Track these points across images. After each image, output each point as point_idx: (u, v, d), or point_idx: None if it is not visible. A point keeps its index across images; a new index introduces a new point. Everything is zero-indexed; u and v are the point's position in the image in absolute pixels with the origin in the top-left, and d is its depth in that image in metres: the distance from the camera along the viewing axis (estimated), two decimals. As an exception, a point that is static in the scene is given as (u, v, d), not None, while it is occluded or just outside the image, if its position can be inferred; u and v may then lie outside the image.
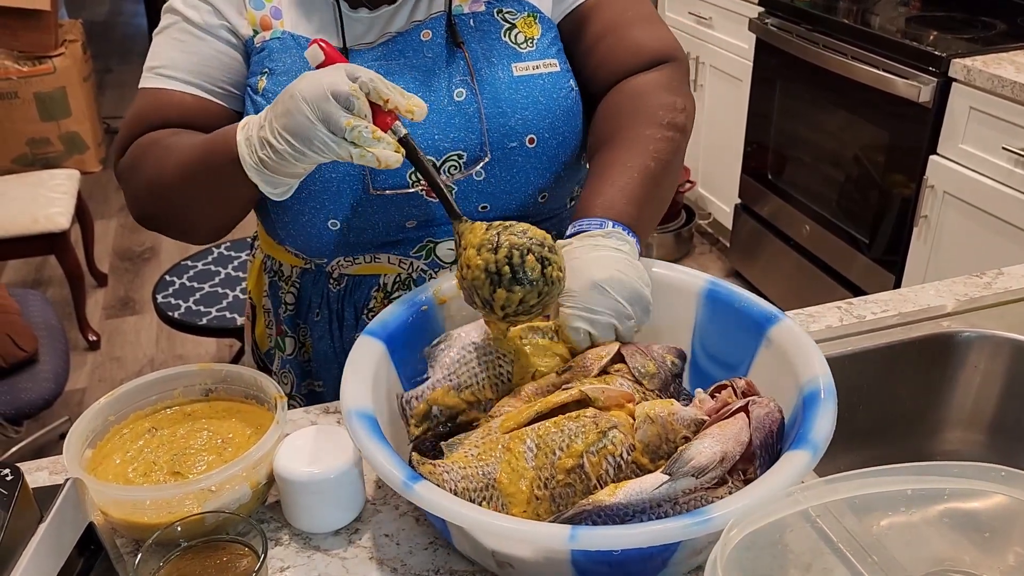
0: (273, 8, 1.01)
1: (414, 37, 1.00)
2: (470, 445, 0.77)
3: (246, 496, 0.83)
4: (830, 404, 0.76)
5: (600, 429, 0.75)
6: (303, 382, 1.16)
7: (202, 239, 1.05)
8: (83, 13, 6.09)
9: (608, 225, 0.89)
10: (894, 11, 2.62)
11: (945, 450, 1.14)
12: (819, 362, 0.80)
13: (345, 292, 1.07)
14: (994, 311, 1.15)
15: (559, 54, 1.03)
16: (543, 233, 0.81)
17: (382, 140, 0.81)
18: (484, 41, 1.00)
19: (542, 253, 0.80)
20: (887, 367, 1.10)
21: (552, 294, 0.81)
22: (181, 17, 1.01)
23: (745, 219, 3.13)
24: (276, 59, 0.99)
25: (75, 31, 4.30)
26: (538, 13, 1.02)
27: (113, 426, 0.90)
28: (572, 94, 1.02)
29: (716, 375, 0.91)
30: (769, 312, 0.87)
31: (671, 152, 0.96)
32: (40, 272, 3.56)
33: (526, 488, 0.73)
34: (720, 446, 0.72)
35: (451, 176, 0.99)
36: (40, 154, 4.14)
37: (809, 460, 0.70)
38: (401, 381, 0.88)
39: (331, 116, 0.81)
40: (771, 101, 2.87)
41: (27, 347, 2.08)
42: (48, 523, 0.67)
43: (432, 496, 0.69)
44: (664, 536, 0.65)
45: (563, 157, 1.03)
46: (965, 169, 2.18)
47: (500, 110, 0.98)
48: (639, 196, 0.92)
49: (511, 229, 0.81)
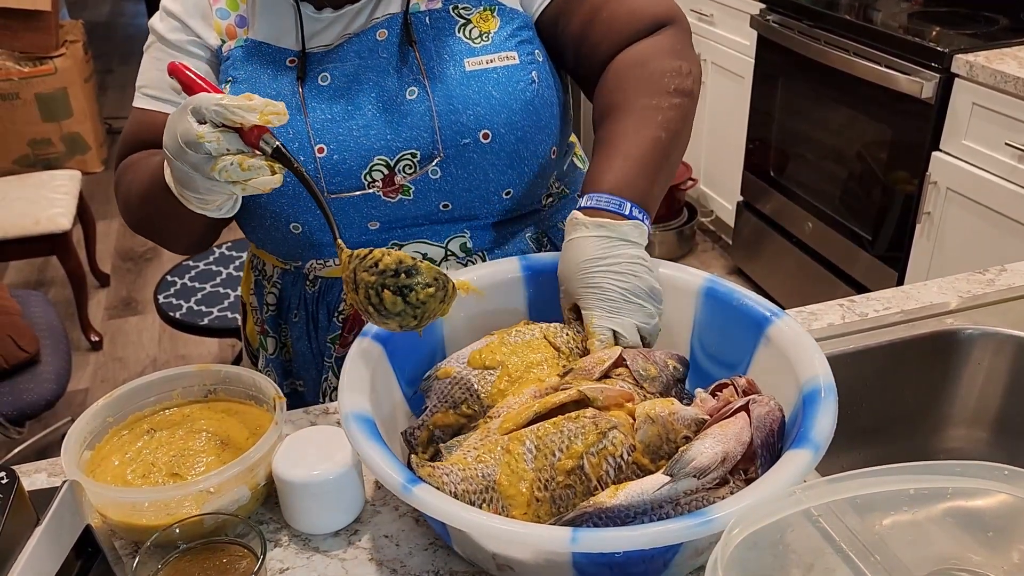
0: (238, 17, 1.02)
1: (370, 37, 0.99)
2: (469, 447, 0.77)
3: (245, 497, 0.82)
4: (831, 402, 0.75)
5: (600, 430, 0.74)
6: (285, 381, 1.17)
7: (184, 252, 1.09)
8: (84, 14, 6.10)
9: (626, 207, 0.88)
10: (896, 7, 2.61)
11: (948, 448, 1.13)
12: (819, 360, 0.80)
13: (319, 294, 1.08)
14: (997, 308, 1.14)
15: (520, 46, 1.01)
16: (396, 257, 0.78)
17: (253, 168, 0.80)
18: (438, 39, 0.99)
19: (397, 283, 0.78)
20: (890, 365, 1.09)
21: (430, 309, 0.79)
22: (157, 36, 1.03)
23: (747, 216, 3.13)
24: (239, 67, 1.00)
25: (76, 32, 4.30)
26: (496, 5, 1.01)
27: (112, 427, 0.90)
28: (532, 87, 1.00)
29: (715, 374, 0.90)
30: (768, 310, 0.87)
31: (680, 120, 0.95)
32: (42, 273, 3.56)
33: (526, 490, 0.73)
34: (721, 446, 0.72)
35: (407, 176, 0.99)
36: (42, 155, 4.14)
37: (811, 459, 0.70)
38: (399, 383, 0.88)
39: (197, 165, 0.80)
40: (773, 98, 2.87)
41: (29, 348, 2.08)
42: (44, 526, 0.66)
43: (432, 499, 0.68)
44: (666, 538, 0.65)
45: (525, 152, 1.01)
46: (968, 165, 2.17)
47: (451, 107, 0.97)
48: (651, 169, 0.91)
49: (364, 263, 0.79)
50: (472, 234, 1.04)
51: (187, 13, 1.02)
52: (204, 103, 0.79)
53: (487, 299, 0.95)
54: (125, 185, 1.03)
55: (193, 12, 1.02)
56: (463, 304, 0.91)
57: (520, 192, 1.04)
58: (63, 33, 4.19)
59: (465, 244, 1.04)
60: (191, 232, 1.01)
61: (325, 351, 1.11)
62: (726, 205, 3.31)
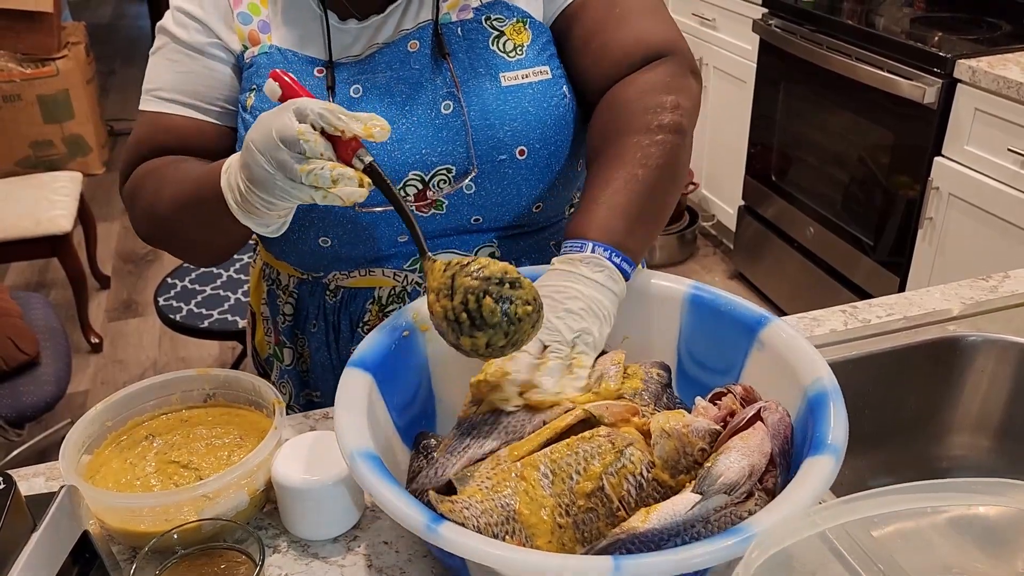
0: (261, 22, 0.99)
1: (401, 48, 0.97)
2: (482, 477, 0.73)
3: (243, 503, 0.82)
4: (840, 405, 0.74)
5: (617, 448, 0.72)
6: (301, 392, 1.15)
7: (203, 264, 1.06)
8: (86, 15, 6.11)
9: (588, 248, 0.85)
10: (898, 12, 2.61)
11: (951, 455, 1.13)
12: (820, 362, 0.79)
13: (341, 304, 1.06)
14: (1001, 315, 1.14)
15: (551, 59, 0.99)
16: (502, 267, 0.76)
17: (342, 177, 0.78)
18: (472, 51, 0.97)
19: (501, 292, 0.75)
20: (893, 371, 1.09)
21: (522, 330, 0.76)
22: (171, 37, 1.00)
23: (749, 221, 3.12)
24: (263, 75, 0.97)
25: (78, 33, 4.31)
26: (528, 18, 0.99)
27: (111, 432, 0.89)
28: (564, 101, 0.99)
29: (705, 381, 0.89)
30: (758, 315, 0.85)
31: (664, 155, 0.91)
32: (43, 274, 3.56)
33: (548, 517, 0.70)
34: (747, 460, 0.70)
35: (440, 190, 0.97)
36: (43, 156, 4.15)
37: (833, 465, 0.69)
38: (389, 412, 0.84)
39: (285, 164, 0.78)
40: (775, 102, 2.86)
41: (28, 350, 2.08)
42: (41, 532, 0.66)
43: (460, 539, 0.64)
44: (712, 559, 0.63)
45: (556, 166, 1.00)
46: (970, 171, 2.17)
47: (487, 122, 0.96)
48: (626, 209, 0.88)
49: (467, 269, 0.76)
50: (500, 243, 1.03)
51: (206, 14, 0.99)
52: (310, 105, 0.78)
53: None
54: (148, 191, 0.99)
55: (213, 13, 0.99)
56: None
57: (549, 205, 1.03)
58: (65, 35, 4.19)
59: (493, 253, 1.03)
60: (220, 245, 0.99)
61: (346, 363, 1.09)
62: (727, 209, 3.30)
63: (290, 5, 0.99)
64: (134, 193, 1.02)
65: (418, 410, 0.88)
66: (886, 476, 1.10)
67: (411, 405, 0.87)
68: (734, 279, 3.30)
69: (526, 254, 1.06)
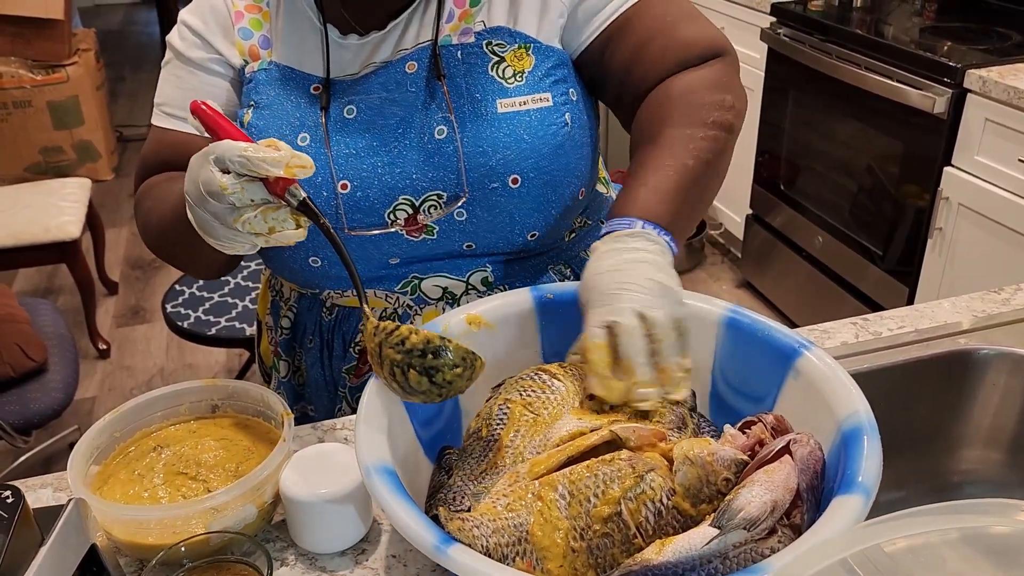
0: (262, 38, 0.99)
1: (398, 69, 0.96)
2: (498, 494, 0.72)
3: (251, 516, 0.82)
4: (875, 442, 0.71)
5: (637, 473, 0.70)
6: (296, 405, 1.15)
7: (205, 277, 1.06)
8: (96, 22, 6.14)
9: (637, 224, 0.84)
10: (908, 21, 2.60)
11: (963, 469, 1.12)
12: (857, 395, 0.75)
13: (336, 322, 1.06)
14: (1013, 328, 1.13)
15: (555, 85, 0.97)
16: (425, 335, 0.76)
17: (276, 222, 0.78)
18: (470, 75, 0.95)
19: (424, 364, 0.76)
20: (904, 384, 1.08)
21: (456, 387, 0.77)
22: (175, 52, 1.01)
23: (757, 230, 3.12)
24: (262, 92, 0.97)
25: (88, 40, 4.33)
26: (532, 43, 0.97)
27: (119, 443, 0.89)
28: (564, 129, 0.96)
29: (740, 408, 0.86)
30: (795, 342, 0.82)
31: (714, 152, 0.91)
32: (51, 280, 3.57)
33: (561, 540, 0.69)
34: (770, 495, 0.67)
35: (431, 215, 0.96)
36: (53, 162, 4.16)
37: (862, 506, 0.65)
38: (413, 425, 0.83)
39: (218, 214, 0.79)
40: (783, 111, 2.86)
41: (36, 356, 2.08)
42: (49, 546, 0.66)
43: (470, 562, 0.62)
44: None
45: (552, 195, 0.97)
46: (980, 181, 2.16)
47: (480, 149, 0.94)
48: (674, 195, 0.87)
49: (390, 340, 0.77)
50: (493, 268, 1.02)
51: (208, 30, 0.99)
52: (228, 152, 0.76)
53: (498, 333, 0.90)
54: (145, 210, 1.01)
55: (215, 28, 0.99)
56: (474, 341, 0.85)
57: (545, 233, 1.01)
58: (75, 41, 4.21)
59: (486, 278, 1.02)
60: (210, 263, 0.99)
61: (339, 380, 1.09)
62: (735, 218, 3.30)
63: (291, 19, 0.99)
64: (137, 208, 1.04)
65: (443, 424, 0.87)
66: (896, 490, 1.09)
67: (436, 419, 0.86)
68: (741, 288, 3.29)
69: (521, 278, 1.04)
